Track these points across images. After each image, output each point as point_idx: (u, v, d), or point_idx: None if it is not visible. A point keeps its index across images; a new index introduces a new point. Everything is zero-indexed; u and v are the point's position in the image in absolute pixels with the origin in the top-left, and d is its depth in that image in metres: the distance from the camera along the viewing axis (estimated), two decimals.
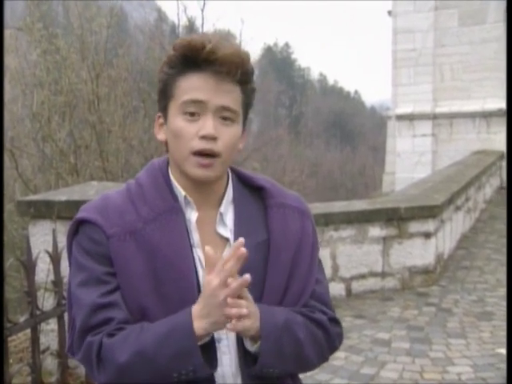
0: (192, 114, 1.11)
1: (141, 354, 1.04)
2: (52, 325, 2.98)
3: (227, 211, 1.20)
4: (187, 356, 1.04)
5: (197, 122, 1.12)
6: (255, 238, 1.18)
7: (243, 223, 1.20)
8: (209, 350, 1.07)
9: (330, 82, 70.43)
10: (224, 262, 1.03)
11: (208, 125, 1.10)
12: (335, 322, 1.26)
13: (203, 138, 1.10)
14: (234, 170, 1.26)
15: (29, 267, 2.29)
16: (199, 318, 1.05)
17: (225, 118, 1.13)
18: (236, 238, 1.16)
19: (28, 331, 2.48)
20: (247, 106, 1.18)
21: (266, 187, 1.25)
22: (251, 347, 1.12)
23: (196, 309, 1.06)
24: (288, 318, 1.15)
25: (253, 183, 1.26)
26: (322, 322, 1.21)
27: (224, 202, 1.20)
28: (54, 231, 2.57)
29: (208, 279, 1.04)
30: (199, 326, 1.04)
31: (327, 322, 1.22)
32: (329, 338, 1.22)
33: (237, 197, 1.22)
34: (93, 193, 3.28)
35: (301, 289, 1.20)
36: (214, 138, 1.10)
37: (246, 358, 1.13)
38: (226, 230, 1.19)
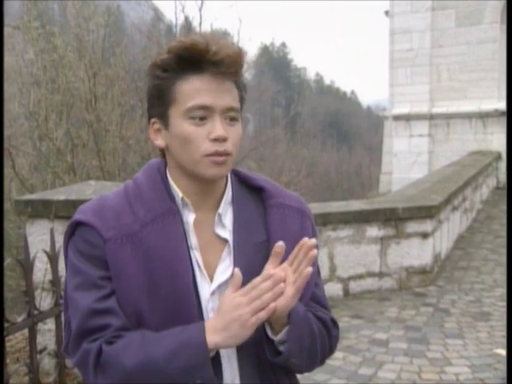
0: (201, 119, 1.10)
1: (149, 366, 1.04)
2: (49, 324, 2.97)
3: (226, 212, 1.19)
4: (198, 370, 1.04)
5: (205, 124, 1.10)
6: (254, 239, 1.18)
7: (242, 224, 1.19)
8: (213, 361, 1.07)
9: (327, 82, 70.60)
10: (255, 285, 1.05)
11: (218, 127, 1.09)
12: (334, 323, 1.26)
13: (215, 140, 1.09)
14: (233, 171, 1.25)
15: (26, 267, 2.27)
16: (214, 331, 1.05)
17: (231, 118, 1.12)
18: (235, 239, 1.16)
19: (24, 331, 2.46)
20: (243, 100, 1.18)
21: (265, 188, 1.24)
22: (274, 337, 1.12)
23: (211, 323, 1.06)
24: (305, 311, 1.16)
25: (252, 183, 1.25)
26: (326, 321, 1.21)
27: (223, 202, 1.19)
28: (51, 230, 2.55)
29: (232, 296, 1.05)
30: (212, 340, 1.04)
31: (330, 322, 1.23)
32: (330, 339, 1.22)
33: (236, 197, 1.21)
34: (90, 192, 3.26)
35: (302, 290, 1.19)
36: (225, 139, 1.10)
37: (268, 353, 1.12)
38: (225, 231, 1.18)
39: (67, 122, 8.78)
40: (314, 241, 1.06)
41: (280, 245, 1.07)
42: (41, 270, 2.97)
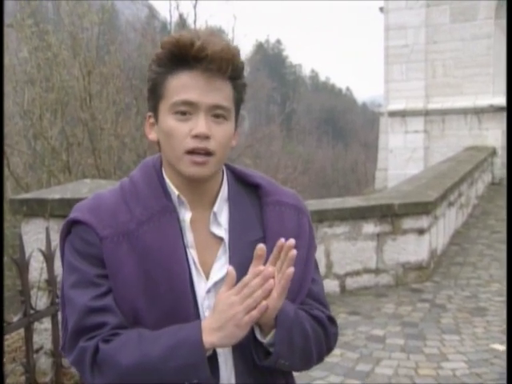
0: (183, 113, 1.09)
1: (146, 365, 1.03)
2: (46, 324, 2.96)
3: (221, 210, 1.19)
4: (194, 369, 1.03)
5: (189, 121, 1.10)
6: (250, 237, 1.17)
7: (238, 222, 1.18)
8: (210, 360, 1.07)
9: (322, 78, 70.60)
10: (245, 282, 1.04)
11: (200, 124, 1.08)
12: (332, 321, 1.25)
13: (196, 137, 1.08)
14: (229, 168, 1.24)
15: (22, 266, 2.26)
16: (210, 331, 1.04)
17: (217, 116, 1.11)
18: (231, 237, 1.16)
19: (21, 330, 2.45)
20: (239, 101, 1.16)
21: (261, 185, 1.24)
22: (263, 339, 1.11)
23: (207, 322, 1.06)
24: (296, 311, 1.15)
25: (248, 181, 1.24)
26: (321, 320, 1.20)
27: (218, 200, 1.18)
28: (47, 229, 2.53)
29: (226, 295, 1.04)
30: (208, 340, 1.04)
31: (326, 319, 1.22)
32: (327, 337, 1.22)
33: (232, 195, 1.20)
34: (86, 191, 3.25)
35: (297, 287, 1.18)
36: (207, 137, 1.09)
37: (256, 356, 1.12)
38: (221, 229, 1.17)
39: (62, 120, 8.73)
40: (292, 241, 1.05)
41: (261, 247, 1.05)
42: (36, 269, 2.96)
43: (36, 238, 3.12)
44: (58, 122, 8.69)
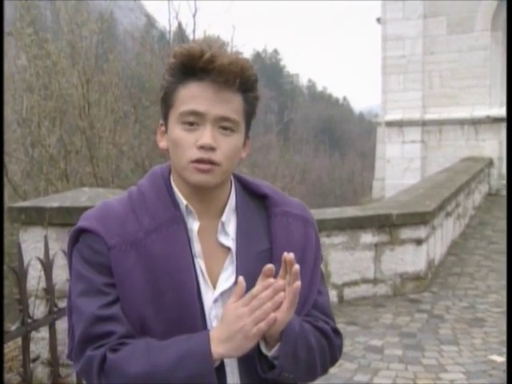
0: (191, 124, 1.10)
1: (154, 375, 1.03)
2: (43, 333, 2.94)
3: (229, 220, 1.19)
4: (202, 380, 1.03)
5: (195, 131, 1.10)
6: (257, 247, 1.18)
7: (245, 232, 1.18)
8: (218, 371, 1.07)
9: (319, 88, 70.82)
10: (254, 294, 1.04)
11: (206, 135, 1.09)
12: (337, 333, 1.25)
13: (201, 147, 1.09)
14: (237, 178, 1.25)
15: (20, 274, 2.25)
16: (218, 342, 1.04)
17: (224, 128, 1.11)
18: (238, 247, 1.17)
19: (17, 339, 2.44)
20: (249, 114, 1.16)
21: (269, 195, 1.24)
22: (268, 352, 1.11)
23: (215, 333, 1.06)
24: (301, 324, 1.14)
25: (256, 191, 1.24)
26: (326, 332, 1.20)
27: (226, 210, 1.18)
28: (45, 238, 2.52)
29: (234, 306, 1.04)
30: (216, 350, 1.04)
31: (331, 331, 1.22)
32: (332, 349, 1.21)
33: (239, 205, 1.20)
34: (85, 199, 3.25)
35: (303, 298, 1.18)
36: (212, 148, 1.09)
37: (260, 368, 1.11)
38: (228, 239, 1.17)
39: (60, 128, 8.74)
40: (291, 255, 1.05)
41: (269, 267, 1.06)
42: (34, 278, 2.94)
43: (34, 246, 3.11)
44: (56, 130, 8.71)
